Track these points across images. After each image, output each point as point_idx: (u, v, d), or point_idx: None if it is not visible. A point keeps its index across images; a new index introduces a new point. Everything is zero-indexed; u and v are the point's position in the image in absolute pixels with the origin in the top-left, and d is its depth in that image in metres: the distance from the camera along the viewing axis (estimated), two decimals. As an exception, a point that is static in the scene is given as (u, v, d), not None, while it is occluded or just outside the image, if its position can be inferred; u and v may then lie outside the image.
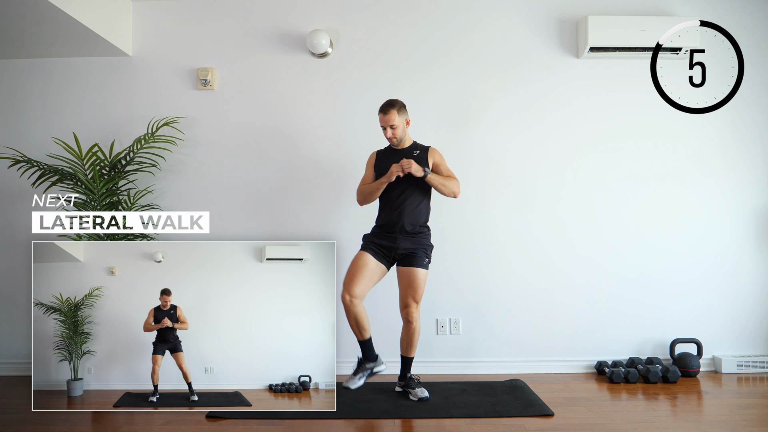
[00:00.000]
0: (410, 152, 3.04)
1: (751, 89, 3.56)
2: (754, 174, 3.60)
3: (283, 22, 3.64)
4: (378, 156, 3.11)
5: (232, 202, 3.61)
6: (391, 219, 2.97)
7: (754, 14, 3.61)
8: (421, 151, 3.06)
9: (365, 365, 3.01)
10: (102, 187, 3.25)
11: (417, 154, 3.03)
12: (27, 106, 3.67)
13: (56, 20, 3.07)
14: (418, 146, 3.09)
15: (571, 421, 2.67)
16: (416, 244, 2.97)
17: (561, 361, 3.55)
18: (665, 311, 3.56)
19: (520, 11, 3.63)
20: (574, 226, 3.59)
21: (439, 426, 2.65)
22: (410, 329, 2.97)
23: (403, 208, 2.96)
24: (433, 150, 3.09)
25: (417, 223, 2.99)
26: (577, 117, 3.60)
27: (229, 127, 3.64)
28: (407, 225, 2.96)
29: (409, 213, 2.97)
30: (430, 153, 3.07)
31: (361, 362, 3.01)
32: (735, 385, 3.24)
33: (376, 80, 3.61)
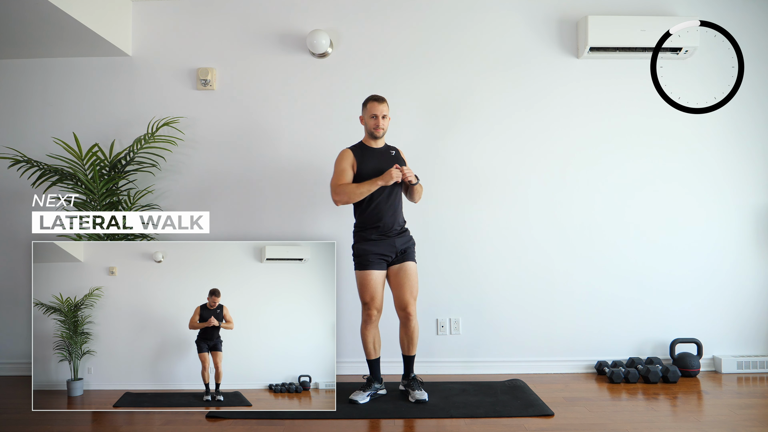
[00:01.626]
0: (387, 151, 3.06)
1: (751, 89, 3.56)
2: (754, 174, 3.60)
3: (283, 22, 3.64)
4: (356, 153, 2.99)
5: (232, 202, 3.61)
6: (386, 221, 2.96)
7: (754, 14, 3.61)
8: (395, 151, 3.10)
9: (374, 384, 3.02)
10: (102, 187, 3.25)
11: (394, 154, 3.07)
12: (27, 106, 3.67)
13: (56, 20, 3.07)
14: (390, 146, 3.11)
15: (571, 421, 2.67)
16: (406, 240, 3.02)
17: (561, 361, 3.55)
18: (665, 311, 3.56)
19: (520, 11, 3.62)
20: (574, 226, 3.59)
21: (439, 426, 2.65)
22: (410, 327, 2.98)
23: (395, 208, 2.99)
24: (400, 151, 3.14)
25: (404, 221, 3.06)
26: (577, 117, 3.60)
27: (229, 127, 3.64)
28: (399, 224, 3.01)
29: (399, 213, 3.02)
30: (402, 154, 3.13)
31: (371, 381, 3.03)
32: (735, 385, 3.24)
33: (376, 80, 3.61)
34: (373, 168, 2.95)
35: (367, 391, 2.97)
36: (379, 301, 2.95)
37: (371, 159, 2.99)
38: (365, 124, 3.04)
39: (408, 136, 3.54)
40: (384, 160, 3.00)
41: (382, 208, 2.95)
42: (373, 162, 2.97)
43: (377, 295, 2.94)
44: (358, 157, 2.99)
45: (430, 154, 3.56)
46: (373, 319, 2.96)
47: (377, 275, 2.94)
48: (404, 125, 3.55)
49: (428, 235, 3.46)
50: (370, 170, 2.95)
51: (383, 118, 2.99)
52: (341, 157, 3.00)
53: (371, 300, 2.93)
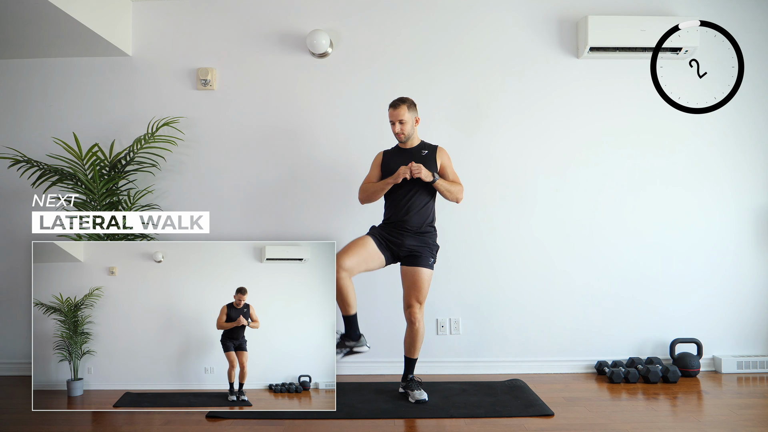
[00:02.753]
0: (418, 152, 3.02)
1: (751, 89, 3.56)
2: (754, 174, 3.60)
3: (283, 22, 3.64)
4: (385, 155, 3.08)
5: (232, 202, 3.61)
6: (398, 217, 2.95)
7: (754, 14, 3.61)
8: (429, 150, 3.04)
9: (345, 342, 2.95)
10: (102, 187, 3.25)
11: (425, 154, 3.01)
12: (27, 106, 3.67)
13: (56, 20, 3.07)
14: (426, 145, 3.07)
15: (571, 421, 2.67)
16: (422, 243, 2.96)
17: (561, 361, 3.55)
18: (665, 311, 3.56)
19: (521, 11, 3.62)
20: (574, 226, 3.59)
21: (439, 426, 2.65)
22: (413, 330, 2.96)
23: (410, 207, 2.95)
24: (442, 150, 3.08)
25: (424, 222, 2.99)
26: (578, 117, 3.60)
27: (229, 127, 3.64)
28: (414, 224, 2.95)
29: (416, 212, 2.96)
30: (439, 153, 3.05)
31: (343, 338, 2.95)
32: (735, 385, 3.24)
33: (376, 80, 3.61)
34: (398, 164, 2.94)
35: (338, 351, 2.91)
36: (349, 262, 2.81)
37: (397, 160, 2.98)
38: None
39: (408, 136, 3.54)
40: (410, 158, 2.96)
41: (396, 205, 2.97)
42: (399, 162, 2.95)
43: (351, 253, 2.84)
44: (386, 158, 3.05)
45: (430, 154, 3.56)
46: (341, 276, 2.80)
47: (369, 242, 2.91)
48: (404, 125, 3.55)
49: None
50: (393, 168, 2.95)
51: (401, 123, 2.95)
52: (373, 159, 3.12)
53: (343, 254, 2.83)
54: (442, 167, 3.04)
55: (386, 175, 2.99)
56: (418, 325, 2.95)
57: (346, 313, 2.93)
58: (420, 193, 2.97)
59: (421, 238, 2.97)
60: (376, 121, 3.58)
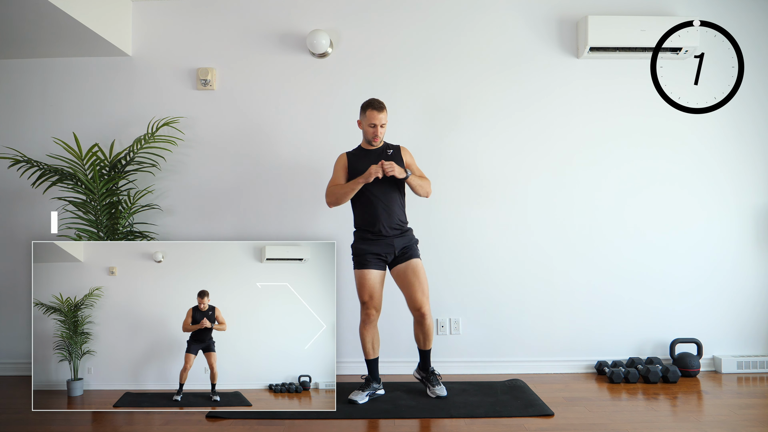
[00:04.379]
0: (383, 151, 3.04)
1: (751, 89, 3.56)
2: (754, 174, 3.60)
3: (283, 22, 3.64)
4: (350, 157, 3.04)
5: (232, 202, 3.61)
6: (379, 221, 2.94)
7: (754, 14, 3.61)
8: (393, 150, 3.06)
9: (372, 384, 3.01)
10: (102, 187, 3.25)
11: (391, 153, 3.03)
12: (27, 106, 3.67)
13: (56, 20, 3.07)
14: (389, 145, 3.09)
15: (571, 421, 2.67)
16: (409, 241, 3.00)
17: (561, 361, 3.55)
18: (665, 311, 3.56)
19: (520, 11, 3.62)
20: (574, 226, 3.59)
21: (439, 426, 2.65)
22: (425, 326, 2.97)
23: (390, 208, 2.96)
24: (404, 149, 3.11)
25: (403, 221, 3.03)
26: (577, 117, 3.60)
27: (229, 127, 3.64)
28: (394, 224, 2.97)
29: (396, 212, 2.98)
30: (403, 152, 3.08)
31: (368, 381, 3.02)
32: (735, 385, 3.24)
33: (376, 80, 3.61)
34: (366, 167, 2.93)
35: (366, 391, 2.97)
36: (377, 300, 2.95)
37: (365, 161, 2.98)
38: (363, 129, 3.02)
39: (408, 136, 3.54)
40: (377, 160, 2.97)
41: (377, 208, 2.95)
42: (366, 163, 2.95)
43: (375, 294, 2.94)
44: (352, 160, 3.02)
45: (431, 154, 3.55)
46: (372, 318, 2.95)
47: (375, 275, 2.94)
48: (404, 125, 3.55)
49: (429, 235, 3.45)
50: (359, 172, 2.94)
51: (381, 127, 2.97)
52: (336, 162, 3.07)
53: (369, 299, 2.93)
54: (407, 165, 3.05)
55: (353, 176, 2.97)
56: (430, 319, 2.97)
57: (373, 356, 3.00)
58: (394, 192, 2.99)
59: (405, 236, 3.00)
60: (376, 121, 3.59)
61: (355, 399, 2.91)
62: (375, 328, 2.99)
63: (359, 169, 2.96)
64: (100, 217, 3.29)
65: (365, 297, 2.94)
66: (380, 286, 2.97)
